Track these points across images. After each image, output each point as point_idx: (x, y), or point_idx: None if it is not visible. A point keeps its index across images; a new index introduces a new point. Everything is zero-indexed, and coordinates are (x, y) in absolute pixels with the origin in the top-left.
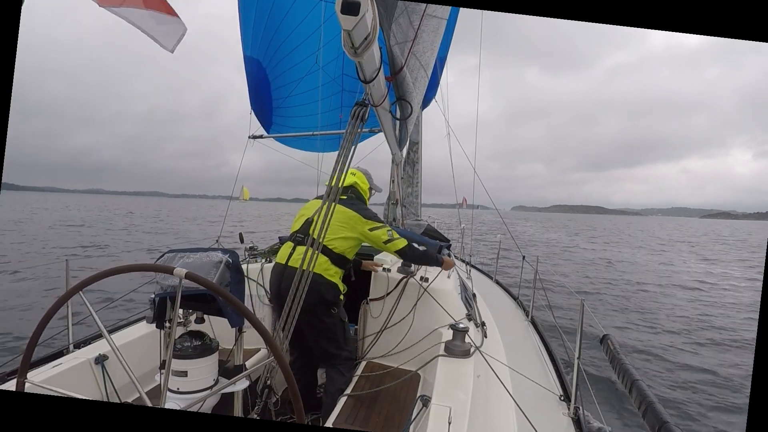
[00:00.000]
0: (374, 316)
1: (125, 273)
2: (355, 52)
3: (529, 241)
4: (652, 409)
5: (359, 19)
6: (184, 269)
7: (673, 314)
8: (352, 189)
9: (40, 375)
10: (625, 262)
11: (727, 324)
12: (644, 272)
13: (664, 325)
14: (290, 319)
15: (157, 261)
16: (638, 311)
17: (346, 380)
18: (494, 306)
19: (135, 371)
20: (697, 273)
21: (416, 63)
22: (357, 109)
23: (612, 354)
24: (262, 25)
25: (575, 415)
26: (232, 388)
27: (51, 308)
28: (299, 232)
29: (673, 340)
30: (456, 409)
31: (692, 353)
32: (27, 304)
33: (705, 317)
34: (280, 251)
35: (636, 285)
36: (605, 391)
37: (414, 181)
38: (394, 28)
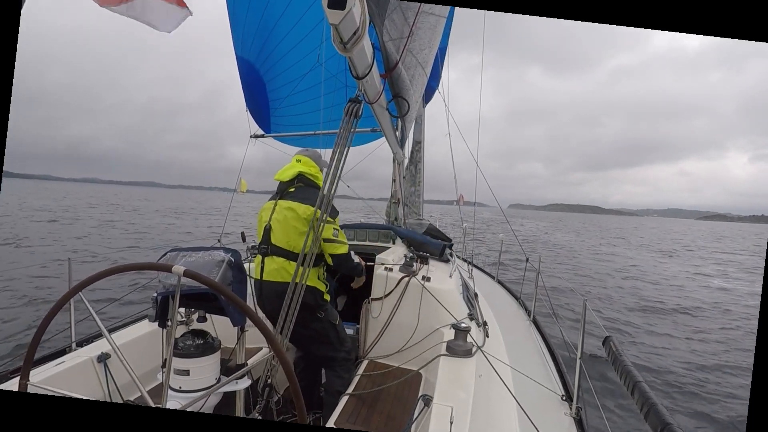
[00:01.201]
0: (375, 316)
1: (124, 272)
2: (344, 47)
3: (544, 246)
4: (655, 410)
5: (346, 13)
6: (183, 267)
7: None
8: (299, 178)
9: (43, 373)
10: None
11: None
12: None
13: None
14: (287, 324)
15: (159, 260)
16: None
17: (344, 382)
18: (496, 306)
19: (137, 369)
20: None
21: (413, 60)
22: (350, 105)
23: (614, 355)
24: (254, 25)
25: (577, 415)
26: (234, 387)
27: (53, 308)
28: (263, 243)
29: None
30: (458, 409)
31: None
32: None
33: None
34: (255, 264)
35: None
36: (607, 391)
37: (416, 180)
38: (387, 24)
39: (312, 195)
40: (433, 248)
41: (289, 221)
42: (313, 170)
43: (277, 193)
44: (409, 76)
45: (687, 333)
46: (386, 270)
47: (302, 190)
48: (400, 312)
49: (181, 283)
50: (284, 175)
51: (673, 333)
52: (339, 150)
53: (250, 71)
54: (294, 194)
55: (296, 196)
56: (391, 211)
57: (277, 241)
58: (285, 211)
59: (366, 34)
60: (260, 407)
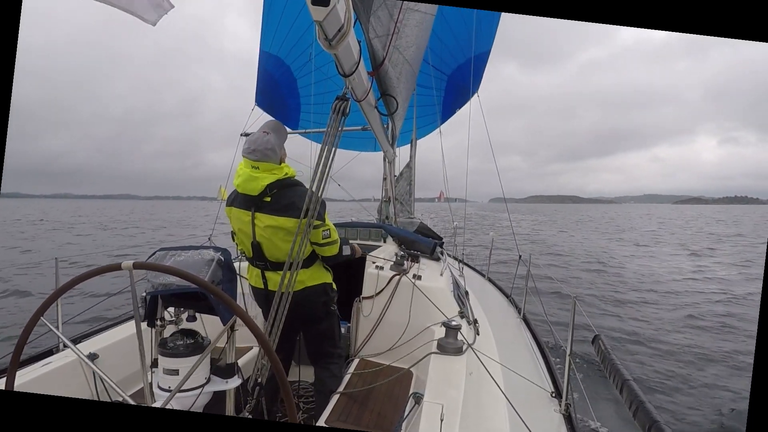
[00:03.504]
0: (365, 314)
1: (85, 280)
2: (329, 44)
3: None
4: (643, 408)
5: (330, 10)
6: (131, 261)
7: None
8: (271, 186)
9: (29, 374)
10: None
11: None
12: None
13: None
14: (277, 322)
15: (147, 259)
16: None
17: (337, 381)
18: (487, 303)
19: (126, 369)
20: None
21: (400, 57)
22: (337, 103)
23: (603, 354)
24: (288, 24)
25: (566, 412)
26: (224, 386)
27: (38, 310)
28: (257, 259)
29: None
30: (448, 406)
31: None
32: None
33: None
34: (250, 273)
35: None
36: (597, 387)
37: (409, 179)
38: (373, 21)
39: (294, 198)
40: (423, 246)
41: (279, 236)
42: (281, 173)
43: (247, 204)
44: (396, 74)
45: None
46: (377, 268)
47: (279, 196)
48: (391, 310)
49: (170, 281)
50: (250, 188)
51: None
52: (327, 148)
53: (278, 68)
54: (272, 205)
55: (276, 209)
56: (383, 209)
57: (273, 256)
58: (269, 229)
59: (352, 31)
60: (250, 406)
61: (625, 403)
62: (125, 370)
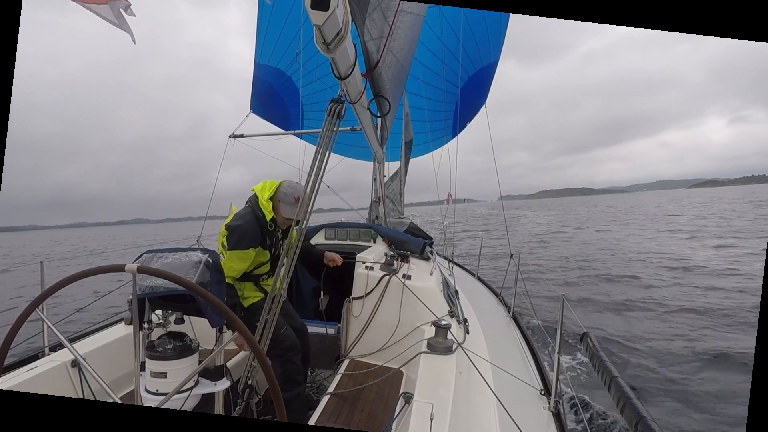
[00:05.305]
0: (356, 315)
1: (82, 279)
2: (327, 48)
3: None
4: (630, 404)
5: (329, 14)
6: (136, 265)
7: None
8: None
9: (14, 379)
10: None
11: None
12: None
13: None
14: (268, 324)
15: (134, 261)
16: None
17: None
18: (476, 302)
19: (114, 372)
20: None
21: (393, 59)
22: (333, 105)
23: (591, 351)
24: (289, 37)
25: (555, 409)
26: (213, 388)
27: (22, 314)
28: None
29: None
30: (438, 406)
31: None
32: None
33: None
34: (248, 293)
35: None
36: (585, 384)
37: (401, 178)
38: (368, 24)
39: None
40: (413, 246)
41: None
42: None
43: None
44: (389, 76)
45: None
46: (367, 269)
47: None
48: (381, 310)
49: (157, 284)
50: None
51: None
52: (321, 151)
53: (277, 78)
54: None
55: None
56: (373, 209)
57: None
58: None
59: (348, 35)
60: (240, 409)
61: (613, 400)
62: (110, 374)
